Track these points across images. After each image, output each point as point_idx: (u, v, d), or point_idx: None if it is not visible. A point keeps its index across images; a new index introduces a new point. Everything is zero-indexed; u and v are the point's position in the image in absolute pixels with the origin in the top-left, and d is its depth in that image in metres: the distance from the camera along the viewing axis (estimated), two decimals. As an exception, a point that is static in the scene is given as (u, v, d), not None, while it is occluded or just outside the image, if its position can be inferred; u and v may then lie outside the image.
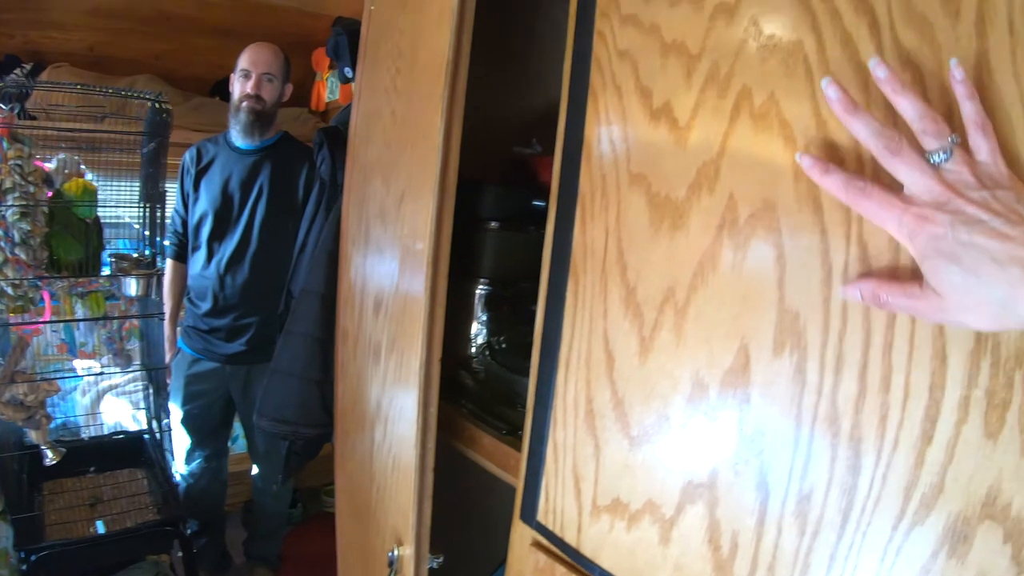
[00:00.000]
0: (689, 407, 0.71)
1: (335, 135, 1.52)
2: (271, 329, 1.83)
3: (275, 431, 1.54)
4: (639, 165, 0.75)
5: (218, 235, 1.98)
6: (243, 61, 1.94)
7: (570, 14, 0.86)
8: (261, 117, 1.90)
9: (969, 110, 0.50)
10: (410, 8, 1.08)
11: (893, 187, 0.53)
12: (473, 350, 1.21)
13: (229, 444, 2.49)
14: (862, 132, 0.54)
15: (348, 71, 1.65)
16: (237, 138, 1.95)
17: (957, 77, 0.51)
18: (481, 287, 1.19)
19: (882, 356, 0.57)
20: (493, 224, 1.18)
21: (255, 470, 2.43)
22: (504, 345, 1.16)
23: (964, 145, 0.50)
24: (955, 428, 0.54)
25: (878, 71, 0.54)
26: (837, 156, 0.60)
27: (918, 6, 0.57)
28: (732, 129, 0.67)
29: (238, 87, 1.93)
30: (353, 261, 1.23)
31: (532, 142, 1.30)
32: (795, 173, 0.63)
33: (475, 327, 1.20)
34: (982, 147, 0.49)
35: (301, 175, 1.88)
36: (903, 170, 0.52)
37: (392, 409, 1.10)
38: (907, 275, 0.55)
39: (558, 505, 0.86)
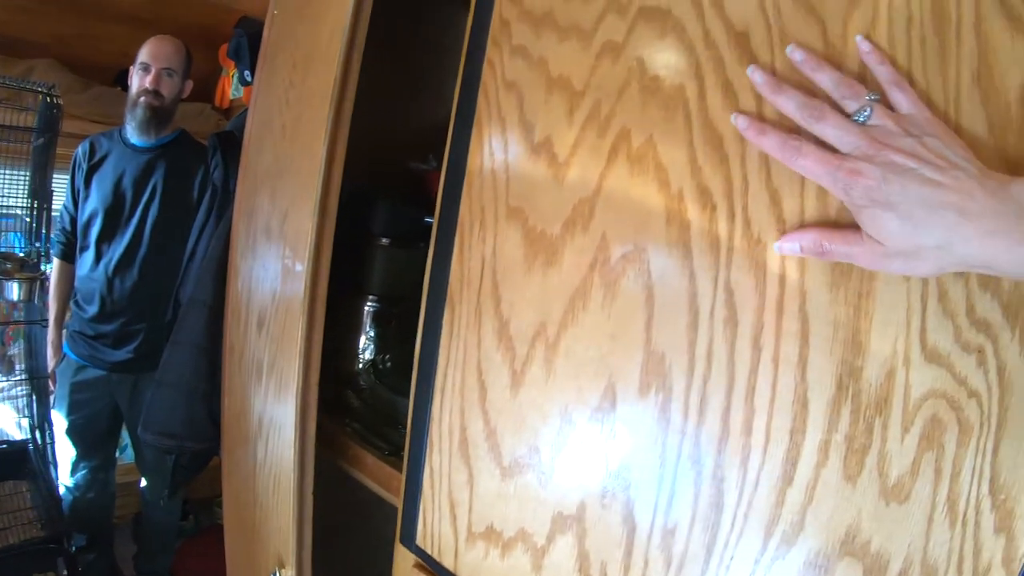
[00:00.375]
0: (558, 441, 0.71)
1: (229, 140, 1.47)
2: (160, 336, 1.74)
3: (160, 445, 1.46)
4: (518, 199, 0.75)
5: (108, 236, 1.87)
6: (143, 54, 1.84)
7: (465, 38, 0.86)
8: (158, 114, 1.81)
9: (882, 72, 0.53)
10: (307, 18, 1.05)
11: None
12: (360, 366, 1.19)
13: (117, 454, 2.36)
14: (788, 106, 0.55)
15: (247, 75, 1.60)
16: (132, 134, 1.85)
17: (865, 48, 0.54)
18: (370, 303, 1.17)
19: (744, 400, 0.59)
20: (384, 240, 1.17)
21: (144, 482, 2.31)
22: (389, 364, 1.15)
23: (885, 103, 0.53)
24: (815, 471, 0.56)
25: (795, 55, 0.56)
26: (710, 201, 0.62)
27: None
28: (609, 169, 0.68)
29: (136, 81, 1.83)
30: (240, 273, 1.19)
31: (428, 157, 1.29)
32: (667, 217, 0.64)
33: (363, 343, 1.18)
34: (902, 101, 0.52)
35: (197, 176, 1.80)
36: (830, 131, 0.53)
37: (272, 429, 1.07)
38: (772, 313, 0.58)
39: (436, 530, 0.85)
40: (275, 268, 0.99)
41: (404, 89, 1.38)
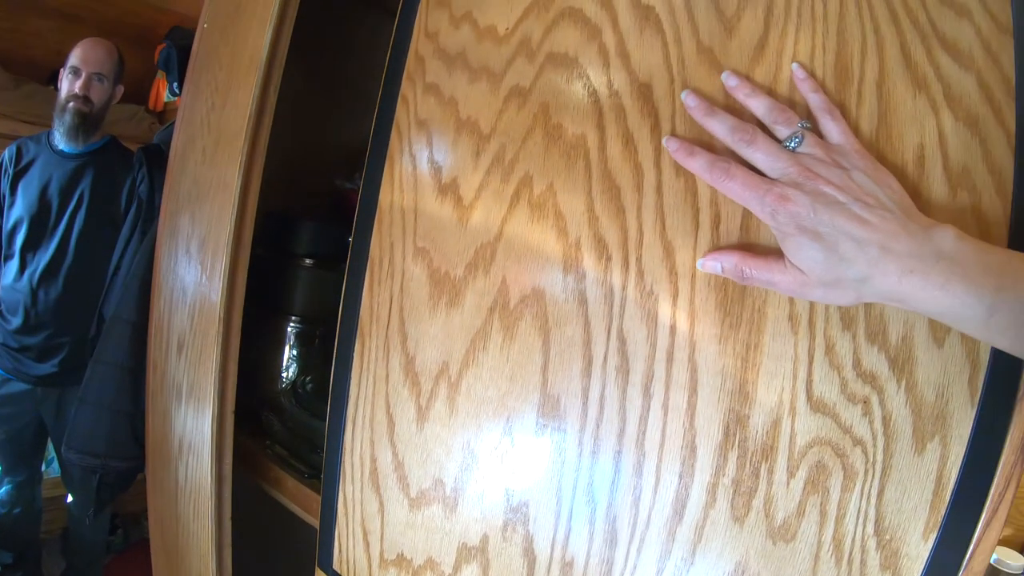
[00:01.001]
0: (462, 475, 0.73)
1: (155, 154, 1.45)
2: (86, 349, 1.70)
3: (84, 464, 1.43)
4: (424, 239, 0.76)
5: (32, 245, 1.80)
6: (73, 57, 1.79)
7: (384, 69, 0.87)
8: (87, 120, 1.76)
9: (815, 100, 0.55)
10: (230, 39, 1.04)
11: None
12: (283, 386, 1.19)
13: (43, 468, 2.29)
14: (720, 129, 0.57)
15: (176, 87, 1.57)
16: (60, 140, 1.79)
17: (800, 76, 0.56)
18: (293, 324, 1.17)
19: (635, 444, 0.61)
20: (307, 261, 1.16)
21: (70, 498, 2.25)
22: (311, 386, 1.15)
23: (816, 131, 0.54)
24: (704, 511, 0.59)
25: (730, 81, 0.58)
26: (606, 252, 0.64)
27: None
28: (511, 214, 0.69)
29: (66, 85, 1.78)
30: (162, 293, 1.17)
31: (354, 175, 1.29)
32: (564, 264, 0.65)
33: (285, 363, 1.18)
34: (833, 130, 0.54)
35: (124, 185, 1.74)
36: (760, 157, 0.54)
37: (191, 455, 1.06)
38: (663, 363, 0.60)
39: (350, 555, 0.86)
40: (193, 292, 0.98)
41: (330, 102, 1.37)
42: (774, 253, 0.55)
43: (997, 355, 0.52)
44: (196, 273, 0.97)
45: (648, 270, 0.62)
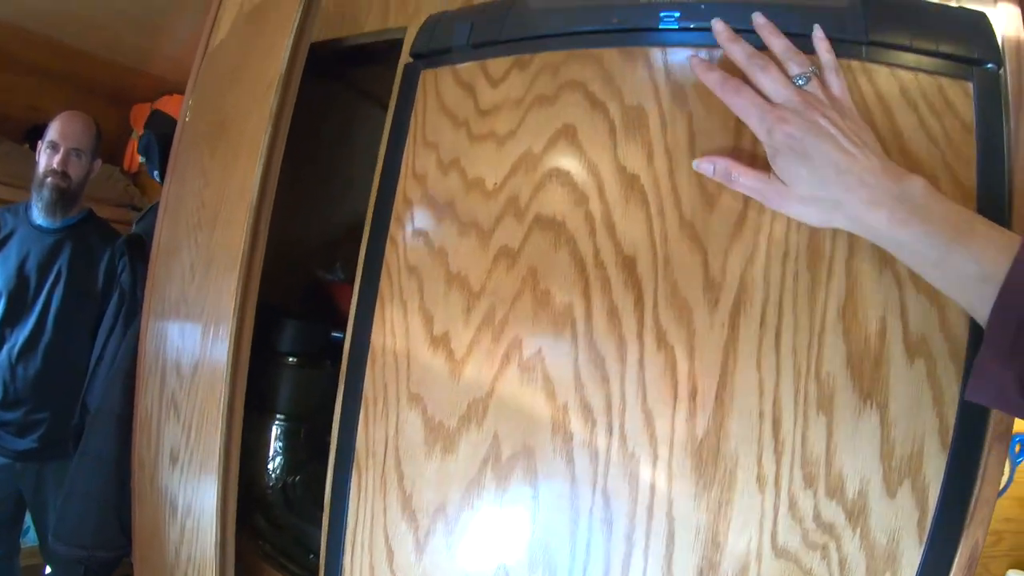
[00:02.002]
0: (459, 605, 0.75)
1: (137, 246, 1.45)
2: (65, 424, 1.69)
3: (72, 556, 1.42)
4: (418, 386, 0.77)
5: (10, 320, 1.78)
6: (52, 132, 1.77)
7: (370, 204, 0.88)
8: (65, 196, 1.74)
9: (827, 59, 0.61)
10: (218, 158, 1.04)
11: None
12: (271, 484, 1.19)
13: (20, 540, 2.25)
14: (739, 53, 0.62)
15: (156, 175, 1.57)
16: (38, 215, 1.77)
17: (818, 35, 0.62)
18: (279, 422, 1.18)
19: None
20: (291, 359, 1.17)
21: (48, 569, 2.20)
22: (299, 489, 1.16)
23: (822, 80, 0.60)
24: None
25: (758, 19, 0.63)
26: (591, 417, 0.67)
27: (681, 291, 0.65)
28: (502, 374, 0.72)
29: (44, 160, 1.76)
30: (149, 393, 1.17)
31: (335, 267, 1.30)
32: (553, 426, 0.68)
33: (273, 463, 1.18)
34: (835, 84, 0.60)
35: (102, 260, 1.73)
36: (769, 82, 0.60)
37: (191, 567, 1.06)
38: (643, 517, 0.64)
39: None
40: (186, 419, 0.98)
41: (312, 191, 1.38)
42: (761, 167, 0.61)
43: (945, 495, 0.57)
44: (188, 404, 0.98)
45: (630, 436, 0.66)
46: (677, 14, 0.71)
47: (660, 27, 0.72)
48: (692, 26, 0.70)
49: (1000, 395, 0.50)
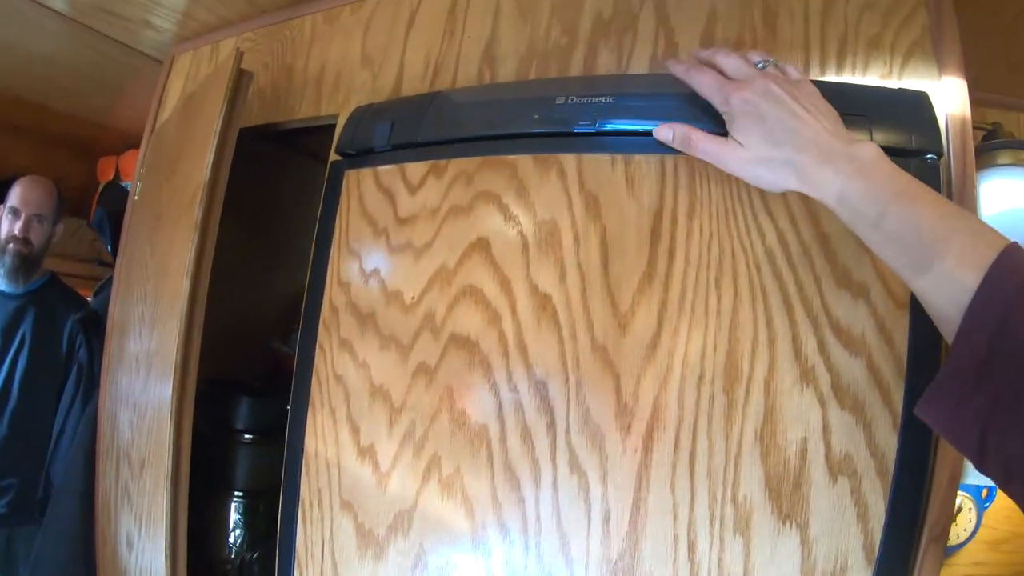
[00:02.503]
0: None
1: (92, 322, 1.45)
2: (33, 488, 1.69)
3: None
4: (349, 493, 0.78)
5: (-26, 387, 1.79)
6: (13, 197, 1.77)
7: (303, 307, 0.89)
8: (27, 261, 1.74)
9: (791, 67, 0.64)
10: (157, 256, 1.05)
11: None
12: (230, 556, 1.19)
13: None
14: (705, 54, 0.65)
15: (110, 250, 1.57)
16: (0, 281, 1.78)
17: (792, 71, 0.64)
18: (236, 498, 1.18)
19: None
20: (246, 436, 1.18)
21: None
22: (258, 564, 1.16)
23: (780, 68, 0.63)
24: None
25: (715, 57, 0.65)
26: (508, 536, 0.68)
27: (594, 416, 0.65)
28: (424, 488, 0.72)
29: (5, 226, 1.75)
30: (107, 476, 1.18)
31: (291, 338, 1.30)
32: (473, 542, 0.69)
33: (232, 537, 1.18)
34: (792, 71, 0.63)
35: (66, 325, 1.73)
36: (731, 64, 0.63)
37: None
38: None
39: None
40: (138, 506, 0.99)
41: (269, 260, 1.39)
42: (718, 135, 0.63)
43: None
44: (138, 494, 0.98)
45: (547, 556, 0.66)
46: (595, 114, 0.71)
47: (575, 130, 0.72)
48: (609, 127, 0.70)
49: (953, 419, 0.48)
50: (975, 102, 1.13)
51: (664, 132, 0.66)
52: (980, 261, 0.46)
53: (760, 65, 0.62)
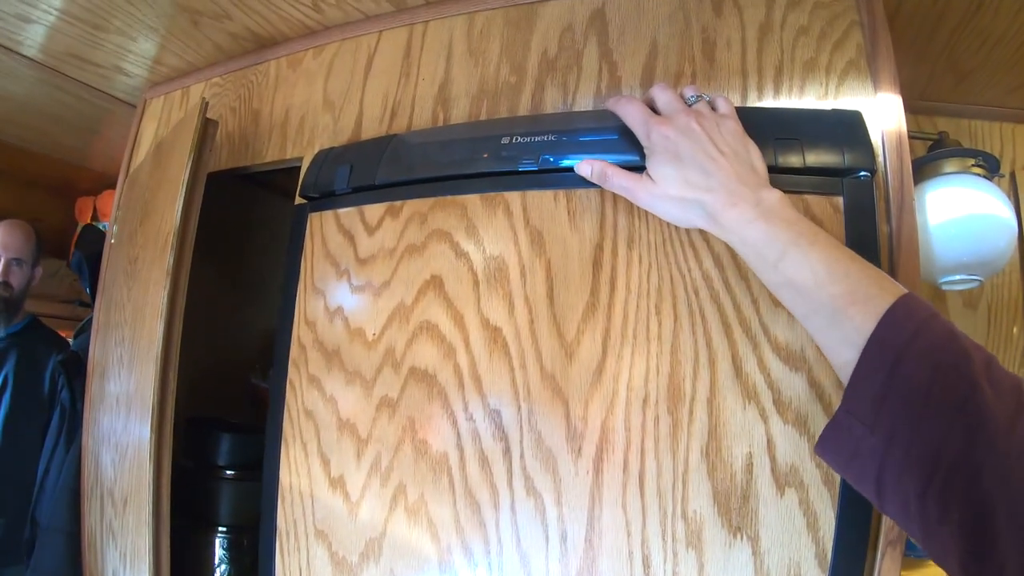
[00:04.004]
0: None
1: (74, 364, 1.48)
2: (20, 529, 1.70)
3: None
4: (322, 523, 0.82)
5: (-42, 431, 1.80)
6: (-9, 242, 1.80)
7: (276, 344, 0.92)
8: (8, 305, 1.76)
9: (721, 99, 0.66)
10: (133, 300, 1.08)
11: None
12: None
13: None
14: (650, 90, 0.68)
15: (88, 291, 1.60)
16: (-19, 325, 1.80)
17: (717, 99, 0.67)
18: (221, 534, 1.20)
19: None
20: (228, 472, 1.20)
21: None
22: (245, 600, 1.19)
23: (711, 103, 0.66)
24: None
25: (655, 91, 0.68)
26: (473, 558, 0.71)
27: (546, 441, 0.69)
28: (392, 516, 0.76)
29: (-16, 270, 1.79)
30: (92, 515, 1.20)
31: (268, 373, 1.33)
32: (440, 565, 0.72)
33: (217, 573, 1.21)
34: (722, 106, 0.66)
35: (48, 368, 1.76)
36: (663, 98, 0.66)
37: None
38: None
39: None
40: (122, 546, 1.02)
41: (238, 295, 1.42)
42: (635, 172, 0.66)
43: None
44: (121, 534, 1.01)
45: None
46: (538, 152, 0.75)
47: (519, 169, 0.76)
48: (551, 163, 0.74)
49: (851, 458, 0.49)
50: (925, 112, 1.18)
51: (584, 168, 0.70)
52: (876, 306, 0.49)
53: (691, 99, 0.66)
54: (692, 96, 0.66)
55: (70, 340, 1.84)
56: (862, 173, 0.66)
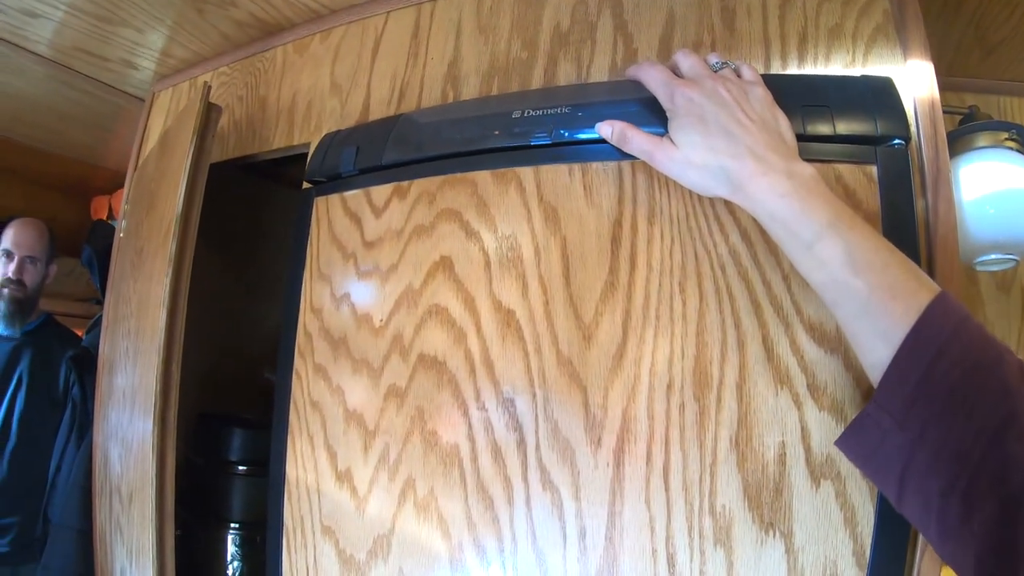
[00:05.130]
0: None
1: (85, 360, 1.47)
2: (34, 526, 1.69)
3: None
4: (329, 519, 0.78)
5: (-27, 428, 1.80)
6: (5, 240, 1.79)
7: (281, 334, 0.89)
8: (23, 304, 1.76)
9: (746, 66, 0.62)
10: (138, 291, 1.05)
11: None
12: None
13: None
14: (673, 55, 0.64)
15: (98, 286, 1.59)
16: (-5, 323, 1.80)
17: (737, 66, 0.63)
18: (233, 530, 1.18)
19: None
20: (240, 468, 1.18)
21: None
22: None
23: (736, 70, 0.62)
24: None
25: (679, 58, 0.63)
26: (485, 556, 0.67)
27: (563, 431, 0.65)
28: (400, 511, 0.72)
29: (-1, 268, 1.79)
30: (102, 511, 1.18)
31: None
32: (451, 564, 0.68)
33: (230, 570, 1.18)
34: (747, 73, 0.61)
35: (63, 364, 1.75)
36: (687, 63, 0.62)
37: None
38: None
39: None
40: (128, 541, 0.99)
41: (248, 290, 1.39)
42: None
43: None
44: (128, 527, 0.99)
45: (524, 574, 0.65)
46: (551, 125, 0.71)
47: (532, 143, 0.72)
48: (566, 136, 0.70)
49: (875, 455, 0.48)
50: (953, 88, 1.12)
51: (604, 128, 0.65)
52: (917, 301, 0.46)
53: (716, 65, 0.61)
54: (717, 62, 0.62)
55: (83, 337, 1.84)
56: (896, 141, 0.61)
